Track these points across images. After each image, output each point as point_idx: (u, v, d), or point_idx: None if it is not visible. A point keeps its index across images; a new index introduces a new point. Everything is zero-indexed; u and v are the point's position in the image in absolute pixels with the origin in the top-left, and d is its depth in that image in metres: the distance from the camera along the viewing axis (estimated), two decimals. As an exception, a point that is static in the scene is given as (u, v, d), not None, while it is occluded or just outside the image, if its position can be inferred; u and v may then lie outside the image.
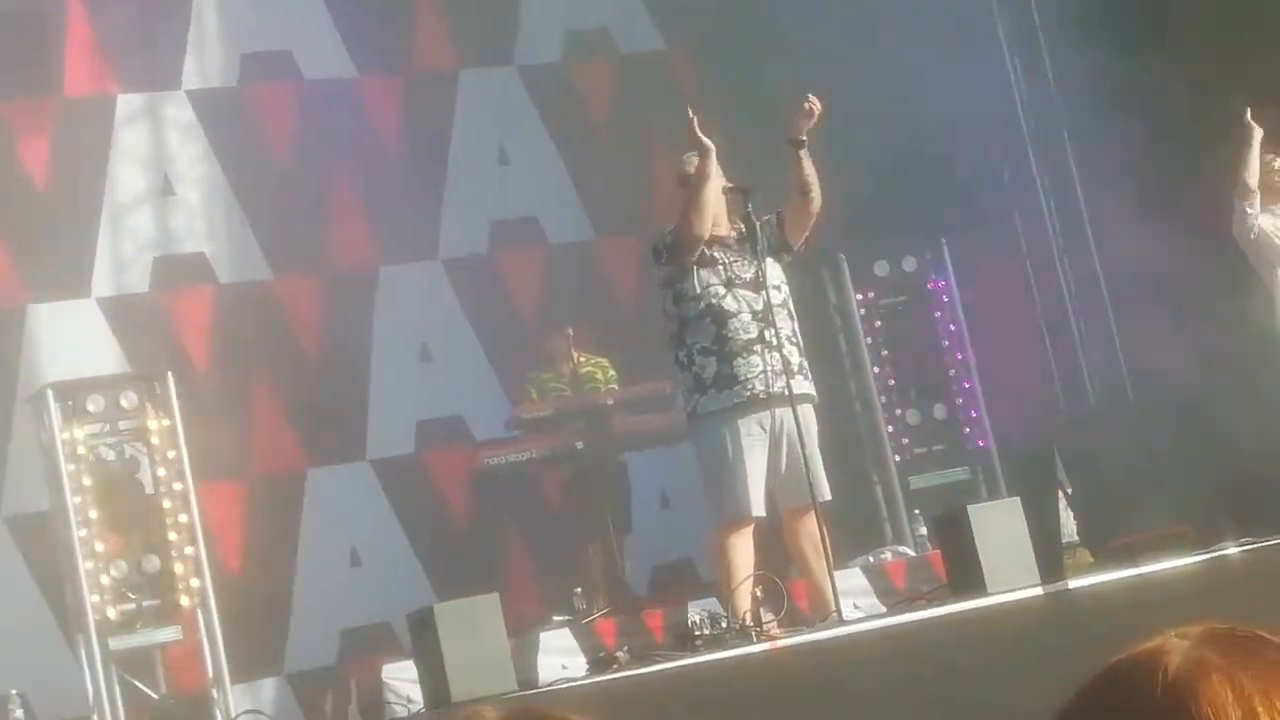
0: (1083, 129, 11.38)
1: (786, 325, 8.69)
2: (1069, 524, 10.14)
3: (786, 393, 8.47)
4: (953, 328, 11.31)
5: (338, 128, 11.91)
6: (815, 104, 8.63)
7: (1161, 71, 10.43)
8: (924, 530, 10.71)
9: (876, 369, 11.23)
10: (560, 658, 9.03)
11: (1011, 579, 7.61)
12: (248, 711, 9.47)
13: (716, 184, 8.61)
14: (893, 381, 11.24)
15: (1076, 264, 11.63)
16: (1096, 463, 10.78)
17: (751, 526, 8.57)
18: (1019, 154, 11.72)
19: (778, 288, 8.72)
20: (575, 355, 10.66)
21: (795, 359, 8.66)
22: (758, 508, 8.53)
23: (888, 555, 10.43)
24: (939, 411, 11.26)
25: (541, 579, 11.20)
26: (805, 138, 8.67)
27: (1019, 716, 6.85)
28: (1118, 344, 11.32)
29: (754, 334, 8.57)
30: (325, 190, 11.87)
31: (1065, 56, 11.47)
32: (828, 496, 8.70)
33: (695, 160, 8.73)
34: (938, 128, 11.03)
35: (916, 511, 10.92)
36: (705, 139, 8.56)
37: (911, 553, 10.51)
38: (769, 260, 8.71)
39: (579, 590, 9.93)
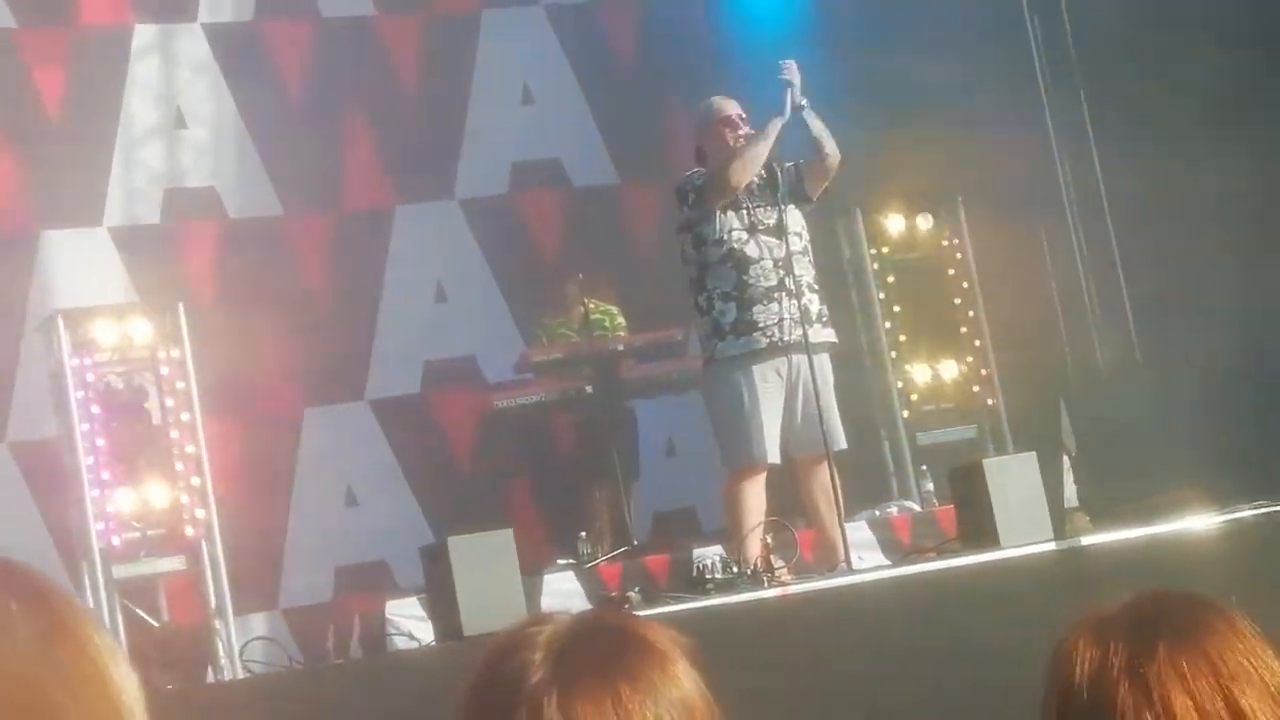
0: (1101, 88, 11.35)
1: (807, 273, 8.70)
2: (1069, 488, 10.15)
3: (804, 341, 8.48)
4: (965, 286, 11.29)
5: (355, 66, 11.87)
6: (789, 67, 8.71)
7: (1183, 25, 10.40)
8: (930, 486, 10.72)
9: (888, 324, 11.21)
10: (564, 600, 9.03)
11: (1025, 534, 7.62)
12: (256, 637, 9.47)
13: (769, 145, 8.66)
14: (903, 338, 11.23)
15: (1090, 227, 11.61)
16: (1103, 426, 10.78)
17: (764, 474, 8.58)
18: (1036, 114, 11.69)
19: (799, 234, 8.73)
20: (585, 301, 10.65)
21: (815, 307, 8.67)
22: (772, 455, 8.54)
23: (894, 510, 10.43)
24: (949, 369, 11.25)
25: (546, 522, 11.20)
26: (804, 102, 8.72)
27: (1028, 671, 6.86)
28: (1128, 307, 11.31)
29: (774, 281, 8.57)
30: (340, 128, 11.83)
31: (1086, 12, 11.44)
32: (843, 445, 8.72)
33: (725, 104, 8.76)
34: (955, 86, 11.01)
35: (924, 467, 10.93)
36: (788, 104, 8.59)
37: (918, 508, 10.51)
38: (790, 207, 8.71)
39: (584, 534, 9.92)
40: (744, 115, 8.85)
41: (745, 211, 8.67)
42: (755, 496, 8.52)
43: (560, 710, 1.86)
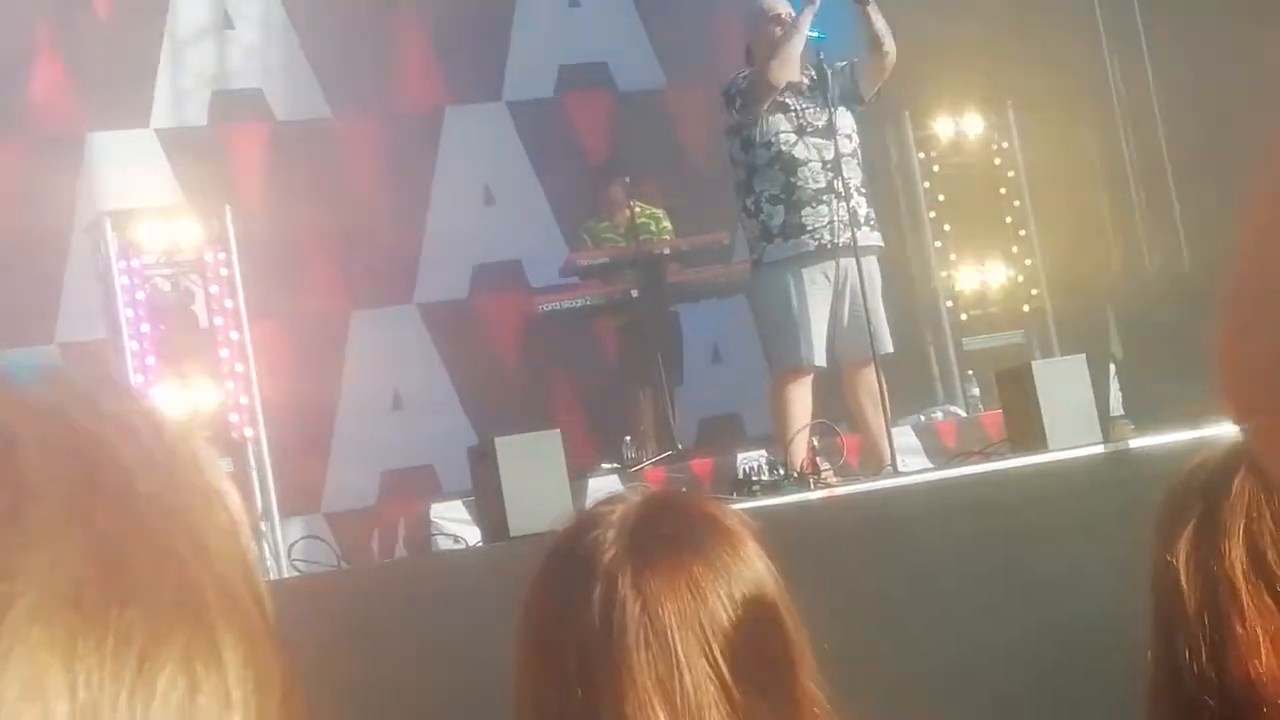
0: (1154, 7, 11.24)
1: (856, 175, 8.65)
2: (1114, 395, 10.11)
3: (853, 244, 8.44)
4: (1014, 191, 11.22)
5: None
6: None
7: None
8: (976, 391, 10.69)
9: (935, 229, 11.16)
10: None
11: (1073, 436, 7.59)
12: (306, 536, 9.52)
13: (804, 37, 8.56)
14: (950, 243, 11.17)
15: (1140, 132, 11.51)
16: (1150, 332, 10.73)
17: (811, 376, 8.56)
18: (1087, 15, 11.57)
19: (849, 136, 8.67)
20: (631, 204, 10.61)
21: (863, 209, 8.63)
22: (819, 357, 8.52)
23: (939, 415, 10.41)
24: (996, 274, 11.20)
25: (590, 427, 11.22)
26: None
27: (1077, 572, 6.86)
28: (1178, 214, 11.22)
29: (823, 183, 8.53)
30: (389, 28, 11.79)
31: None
32: (889, 349, 8.69)
33: (775, 2, 8.67)
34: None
35: (970, 372, 10.90)
36: None
37: (963, 413, 10.49)
38: (840, 108, 8.65)
39: (628, 439, 9.92)
40: (794, 13, 8.77)
41: (794, 113, 8.61)
42: (801, 400, 8.51)
43: (634, 585, 1.87)
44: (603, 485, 9.25)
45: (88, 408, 0.88)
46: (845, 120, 8.70)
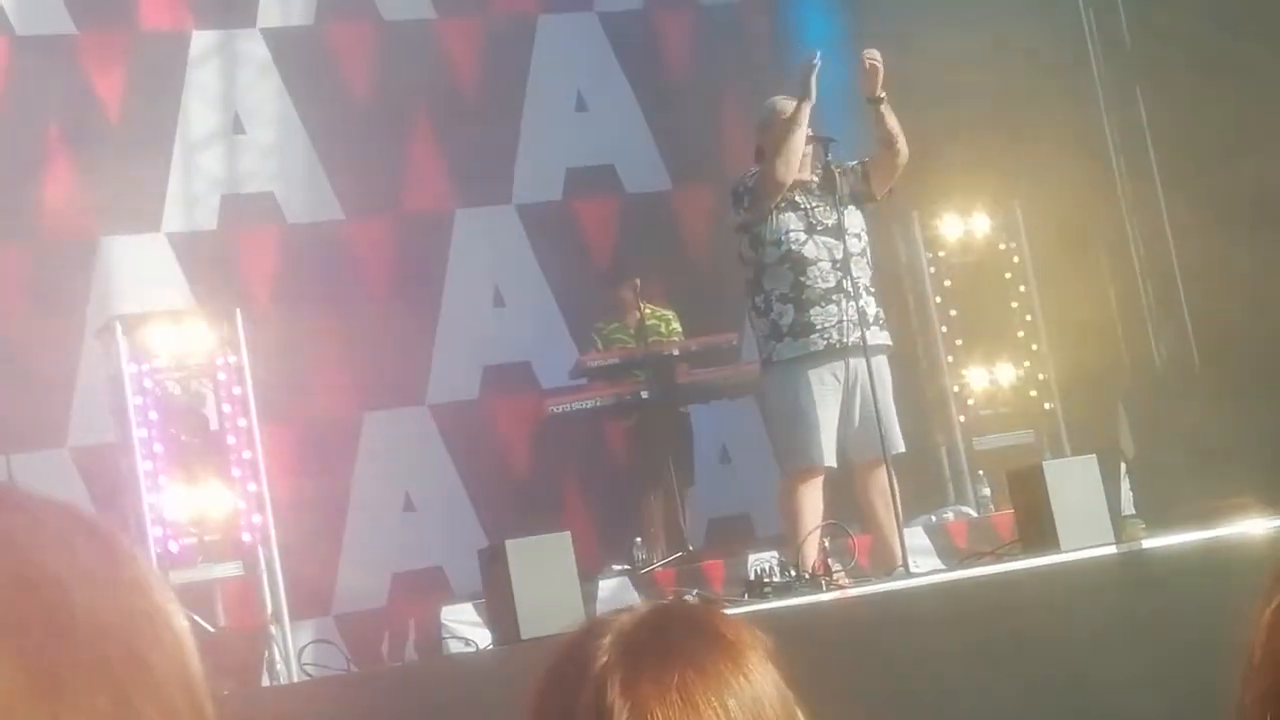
0: (1159, 89, 11.29)
1: (865, 274, 8.67)
2: (1125, 494, 10.11)
3: (862, 343, 8.45)
4: (1022, 289, 11.25)
5: (415, 69, 11.90)
6: (874, 57, 8.64)
7: (1246, 36, 10.35)
8: (987, 491, 10.68)
9: (944, 328, 11.18)
10: (618, 606, 9.01)
11: (1085, 537, 7.59)
12: (316, 640, 9.49)
13: (804, 132, 8.59)
14: (960, 342, 11.19)
15: (1146, 228, 11.54)
16: (1160, 431, 10.73)
17: (821, 477, 8.55)
18: (1093, 117, 11.63)
19: (858, 236, 8.70)
20: (642, 306, 10.64)
21: (872, 309, 8.64)
22: (829, 458, 8.51)
23: (950, 515, 10.40)
24: (1005, 373, 11.20)
25: (600, 528, 11.19)
26: (883, 93, 8.66)
27: (1089, 673, 6.84)
28: (1186, 311, 11.24)
29: (832, 283, 8.55)
30: (400, 132, 11.86)
31: (1143, 11, 11.39)
32: (901, 449, 8.68)
33: (788, 105, 8.71)
34: (1012, 87, 10.98)
35: (980, 473, 10.89)
36: (814, 87, 8.54)
37: (974, 514, 10.48)
38: (850, 208, 8.69)
39: (639, 540, 9.91)
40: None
41: (803, 212, 8.65)
42: (812, 500, 8.49)
43: (623, 694, 1.85)
44: (613, 587, 9.24)
45: (28, 524, 0.89)
46: (854, 219, 8.73)
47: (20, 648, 0.83)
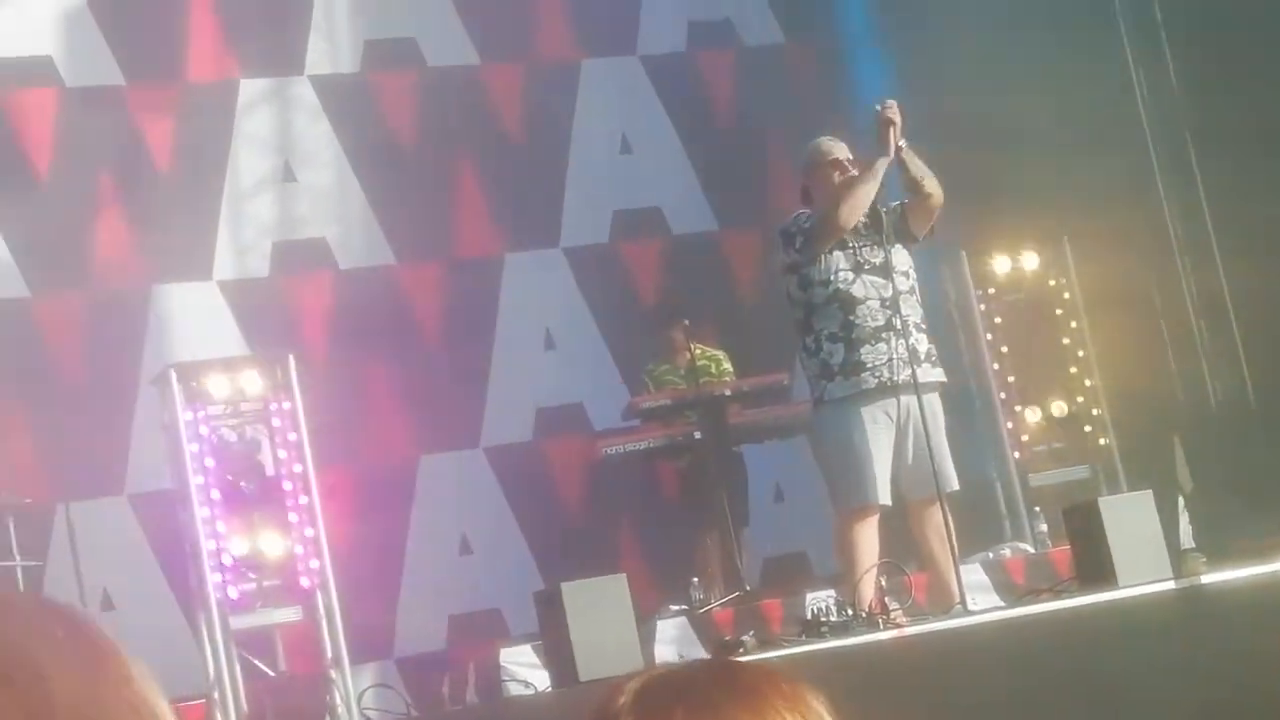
0: (1207, 123, 11.28)
1: (915, 312, 8.66)
2: (1184, 529, 10.07)
3: (914, 380, 8.44)
4: (1074, 325, 11.23)
5: (460, 114, 11.97)
6: (890, 108, 8.62)
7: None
8: (1044, 527, 10.65)
9: (996, 366, 11.17)
10: (678, 647, 9.02)
11: (1143, 572, 7.56)
12: (375, 684, 9.50)
13: (878, 186, 8.61)
14: (1012, 378, 11.18)
15: (1198, 261, 11.52)
16: (1217, 465, 10.69)
17: (877, 515, 8.53)
18: (1141, 150, 11.61)
19: (905, 274, 8.69)
20: (692, 347, 10.66)
21: (923, 346, 8.64)
22: (884, 496, 8.49)
23: (1007, 552, 10.38)
24: (1059, 409, 11.19)
25: (656, 569, 11.19)
26: (903, 142, 8.64)
27: (1149, 709, 6.82)
28: (1240, 346, 11.21)
29: (881, 321, 8.54)
30: (448, 176, 11.94)
31: (1189, 53, 11.38)
32: (955, 486, 8.66)
33: (832, 146, 8.75)
34: (1059, 124, 10.98)
35: (1036, 509, 10.86)
36: (893, 140, 8.54)
37: (1031, 550, 10.46)
38: (897, 246, 8.69)
39: (695, 580, 9.91)
40: (851, 158, 8.81)
41: (851, 251, 8.65)
42: (868, 539, 8.48)
43: None
44: (670, 627, 9.23)
45: (11, 619, 0.91)
46: (901, 258, 8.73)
47: None
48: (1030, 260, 11.32)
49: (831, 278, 8.62)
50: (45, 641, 0.91)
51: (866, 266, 8.63)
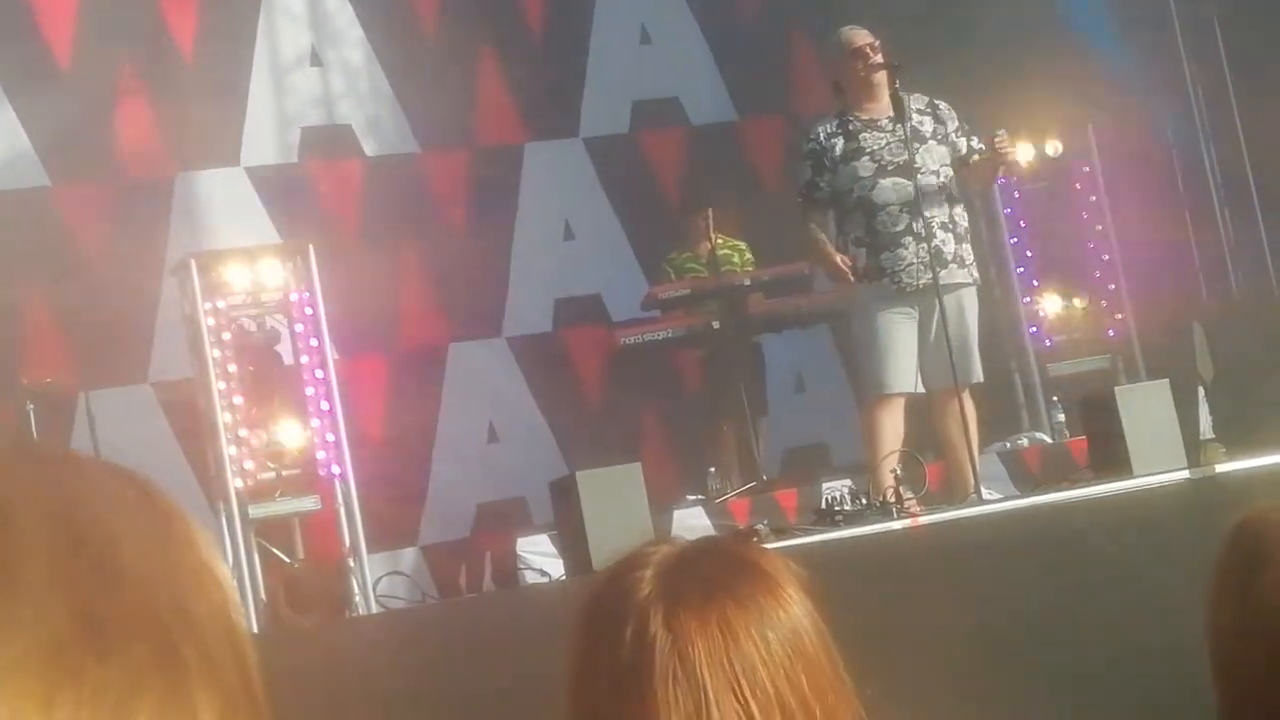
0: (1235, 7, 11.17)
1: (941, 211, 8.63)
2: (1204, 419, 10.04)
3: (934, 284, 8.43)
4: (1097, 214, 11.17)
5: (482, 2, 11.91)
6: (1004, 140, 8.65)
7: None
8: (1062, 418, 10.64)
9: (1016, 255, 11.12)
10: (694, 535, 9.03)
11: (1157, 462, 7.55)
12: (389, 573, 9.56)
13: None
14: (1025, 270, 11.13)
15: (1223, 150, 11.44)
16: (1238, 356, 10.65)
17: (902, 402, 8.56)
18: (1167, 37, 11.51)
19: (935, 173, 8.65)
20: (713, 236, 10.62)
21: (949, 246, 8.61)
22: (903, 385, 8.52)
23: (1024, 441, 10.38)
24: (1080, 299, 11.15)
25: (675, 458, 11.23)
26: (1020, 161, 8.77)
27: (1161, 600, 6.81)
28: (1263, 233, 11.15)
29: (902, 226, 8.54)
30: (472, 64, 11.88)
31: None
32: (979, 379, 8.65)
33: (856, 35, 8.75)
34: (1085, 10, 10.89)
35: (1055, 398, 10.85)
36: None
37: (1049, 440, 10.46)
38: (930, 143, 8.66)
39: (713, 469, 9.93)
40: (874, 44, 8.77)
41: (870, 154, 8.64)
42: (891, 426, 8.50)
43: (665, 624, 1.89)
44: (688, 516, 9.26)
45: (85, 487, 0.95)
46: (933, 155, 8.70)
47: (71, 599, 0.90)
48: (1054, 148, 11.23)
49: (854, 185, 8.63)
50: (117, 504, 0.96)
51: (890, 168, 8.60)
